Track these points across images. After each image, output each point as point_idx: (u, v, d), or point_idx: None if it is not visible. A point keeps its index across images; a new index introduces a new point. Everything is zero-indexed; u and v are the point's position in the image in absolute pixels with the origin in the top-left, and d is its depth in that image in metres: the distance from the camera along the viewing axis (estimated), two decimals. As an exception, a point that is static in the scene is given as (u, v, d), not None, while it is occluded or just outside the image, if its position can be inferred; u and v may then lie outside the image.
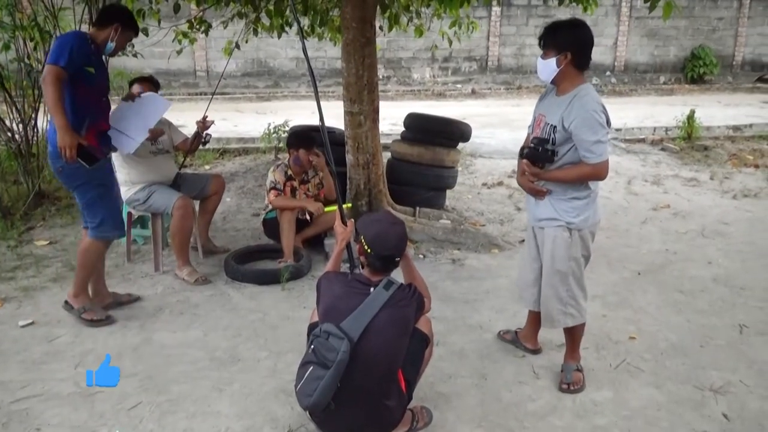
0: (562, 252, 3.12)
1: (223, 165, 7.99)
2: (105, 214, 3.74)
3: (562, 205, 3.11)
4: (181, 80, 15.72)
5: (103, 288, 4.07)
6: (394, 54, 16.80)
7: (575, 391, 3.19)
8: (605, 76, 17.48)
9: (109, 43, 3.69)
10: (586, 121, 2.92)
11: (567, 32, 3.05)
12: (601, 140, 2.94)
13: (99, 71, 3.66)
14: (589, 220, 3.14)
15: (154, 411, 3.00)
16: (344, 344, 2.50)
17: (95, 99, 3.68)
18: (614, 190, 7.12)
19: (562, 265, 3.14)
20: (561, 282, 3.17)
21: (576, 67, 3.04)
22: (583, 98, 2.97)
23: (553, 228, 3.13)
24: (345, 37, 5.17)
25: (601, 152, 2.95)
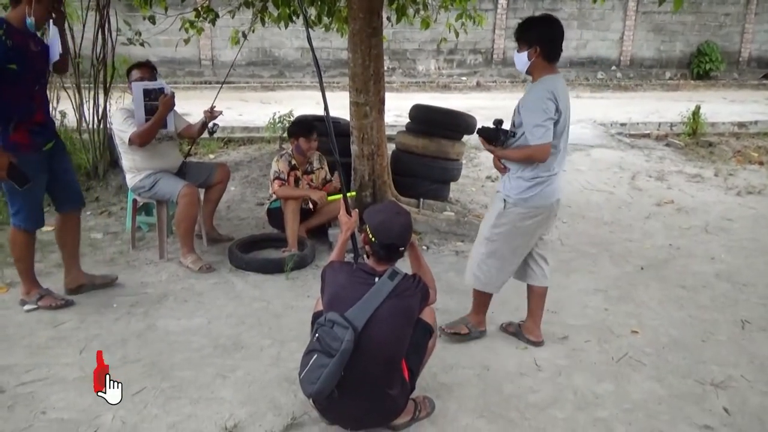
0: (491, 219, 3.41)
1: (228, 154, 8.00)
2: (21, 204, 3.70)
3: (510, 182, 3.36)
4: (186, 69, 15.71)
5: (75, 269, 4.08)
6: (400, 45, 16.77)
7: (448, 334, 3.55)
8: (611, 71, 17.43)
9: (27, 20, 3.43)
10: (531, 105, 3.19)
11: (537, 28, 3.30)
12: (540, 124, 3.14)
13: (24, 63, 3.48)
14: (529, 201, 3.31)
15: (158, 396, 3.02)
16: (349, 333, 2.51)
17: (23, 93, 3.53)
18: (618, 185, 7.12)
19: (486, 230, 3.44)
20: (481, 244, 3.47)
21: (545, 59, 3.27)
22: (536, 86, 3.23)
23: (496, 196, 3.46)
24: (352, 28, 5.16)
25: (540, 135, 3.14)
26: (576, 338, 3.68)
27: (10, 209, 3.74)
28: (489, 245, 3.43)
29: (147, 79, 4.47)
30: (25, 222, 3.73)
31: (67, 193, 3.94)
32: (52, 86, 6.16)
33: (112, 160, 6.32)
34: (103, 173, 6.33)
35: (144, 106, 4.36)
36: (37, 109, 3.65)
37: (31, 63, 3.53)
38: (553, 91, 3.17)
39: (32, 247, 3.88)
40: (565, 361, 3.43)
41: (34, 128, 3.62)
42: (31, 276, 3.90)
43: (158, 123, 4.36)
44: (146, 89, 4.37)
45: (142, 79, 4.46)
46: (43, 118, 3.71)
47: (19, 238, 3.78)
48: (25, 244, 3.81)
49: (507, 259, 3.46)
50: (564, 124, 3.26)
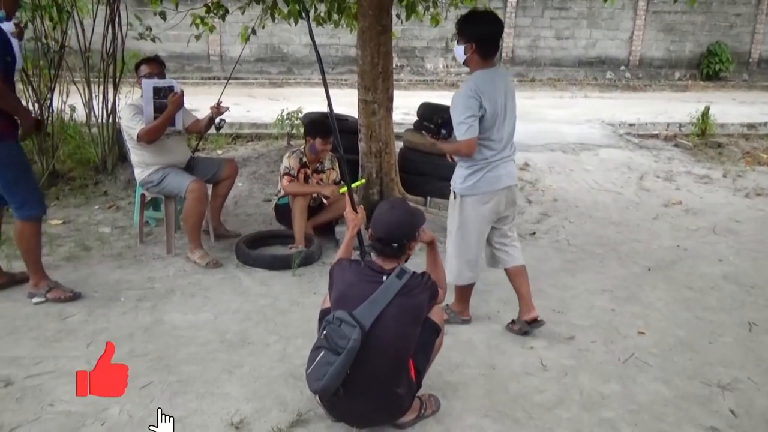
0: (450, 212, 3.64)
1: (236, 150, 8.01)
2: (25, 193, 3.72)
3: (455, 173, 3.59)
4: (195, 64, 15.72)
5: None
6: (408, 43, 16.75)
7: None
8: (619, 71, 17.36)
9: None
10: (456, 102, 3.36)
11: (475, 24, 3.38)
12: (462, 122, 3.32)
13: (13, 55, 3.56)
14: (473, 188, 3.49)
15: (164, 391, 3.03)
16: (356, 332, 2.52)
17: (9, 83, 3.60)
18: (626, 185, 7.10)
19: (449, 224, 3.66)
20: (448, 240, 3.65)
21: (480, 55, 3.39)
22: (465, 84, 3.40)
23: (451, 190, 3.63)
24: (361, 25, 5.16)
25: (463, 132, 3.33)
26: (582, 338, 3.68)
27: (14, 204, 3.73)
28: (454, 237, 3.63)
29: (156, 75, 4.48)
30: (35, 209, 3.77)
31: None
32: (62, 80, 6.19)
33: (121, 155, 6.34)
34: (111, 168, 6.35)
35: (153, 103, 4.37)
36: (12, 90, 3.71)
37: (15, 56, 3.61)
38: (477, 89, 3.32)
39: (40, 237, 3.91)
40: (571, 361, 3.42)
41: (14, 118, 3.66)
42: (40, 268, 3.91)
43: (167, 121, 4.38)
44: (156, 87, 4.38)
45: (150, 74, 4.47)
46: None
47: (27, 229, 3.79)
48: (34, 235, 3.83)
49: (469, 248, 3.62)
50: (494, 116, 3.40)
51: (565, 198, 6.52)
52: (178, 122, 4.54)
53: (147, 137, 4.37)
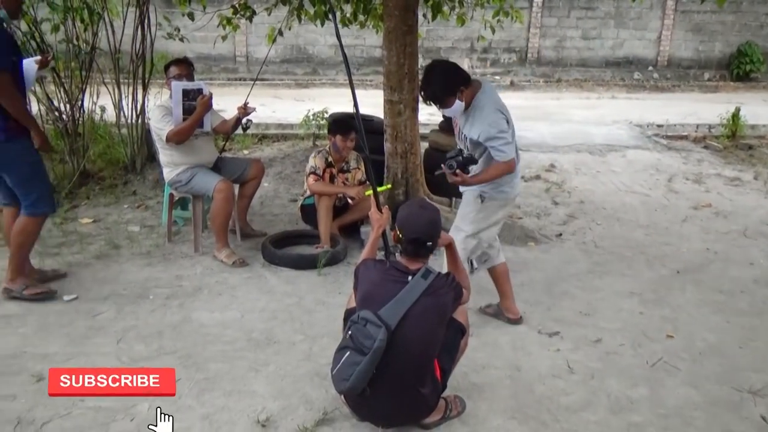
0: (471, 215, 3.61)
1: (262, 150, 8.07)
2: (41, 190, 3.79)
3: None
4: (221, 65, 15.86)
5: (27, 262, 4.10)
6: (433, 44, 16.72)
7: None
8: (647, 71, 17.14)
9: (2, 12, 3.50)
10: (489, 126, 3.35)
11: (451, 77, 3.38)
12: (507, 142, 3.38)
13: (20, 54, 3.63)
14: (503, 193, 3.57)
15: (192, 388, 3.07)
16: (382, 332, 2.52)
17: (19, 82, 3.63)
18: (654, 187, 7.01)
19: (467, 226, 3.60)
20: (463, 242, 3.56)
21: (468, 88, 3.41)
22: (482, 110, 3.39)
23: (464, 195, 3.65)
24: (387, 25, 5.16)
25: (509, 152, 3.39)
26: (610, 341, 3.64)
27: (28, 200, 3.78)
28: (467, 239, 3.60)
29: (185, 76, 4.54)
30: (47, 206, 3.85)
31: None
32: (93, 81, 6.29)
33: (150, 155, 6.42)
34: (140, 167, 6.43)
35: (182, 105, 4.42)
36: (23, 97, 3.76)
37: (20, 56, 3.67)
38: (496, 106, 3.41)
39: (38, 235, 3.97)
40: (599, 364, 3.39)
41: None
42: (24, 265, 3.94)
43: (195, 123, 4.43)
44: (185, 89, 4.43)
45: (179, 75, 4.52)
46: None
47: (31, 226, 3.84)
48: (35, 232, 3.90)
49: (480, 247, 3.69)
50: (512, 126, 3.50)
51: (592, 200, 6.46)
52: (206, 124, 4.59)
53: (176, 138, 4.42)
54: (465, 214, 3.64)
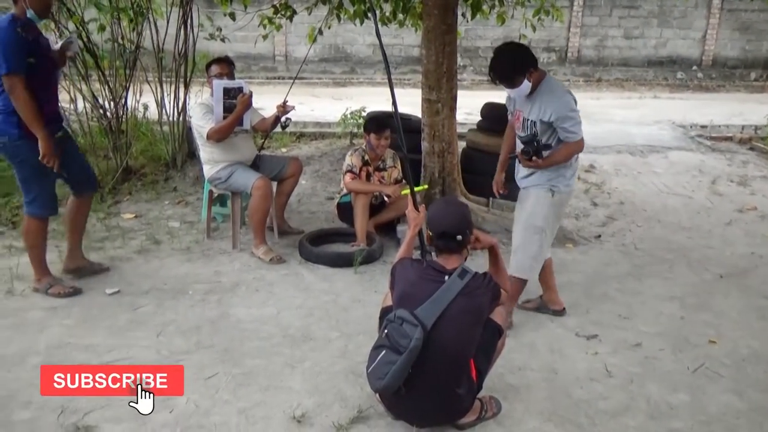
0: (543, 210, 3.60)
1: (300, 148, 8.12)
2: (37, 192, 3.82)
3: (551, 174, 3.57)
4: (261, 64, 16.03)
5: (78, 250, 4.21)
6: (472, 43, 16.63)
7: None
8: (691, 71, 16.77)
9: (28, 13, 3.56)
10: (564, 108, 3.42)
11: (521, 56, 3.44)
12: (578, 121, 3.46)
13: (39, 56, 3.62)
14: (570, 186, 3.65)
15: (229, 382, 3.11)
16: (418, 331, 2.52)
17: (40, 85, 3.66)
18: (697, 189, 6.86)
19: (539, 221, 3.61)
20: (536, 236, 3.62)
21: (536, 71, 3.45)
22: (553, 93, 3.46)
23: (532, 190, 3.62)
24: (426, 24, 5.16)
25: (580, 131, 3.47)
26: (649, 346, 3.58)
27: (25, 198, 3.86)
28: (543, 236, 3.63)
29: (225, 75, 4.59)
30: (41, 209, 3.87)
31: (83, 177, 4.10)
32: (136, 80, 6.41)
33: (190, 152, 6.52)
34: (181, 164, 6.54)
35: (223, 103, 4.48)
36: (51, 99, 3.81)
37: (44, 56, 3.69)
38: (567, 91, 3.51)
39: (45, 235, 4.01)
40: (638, 369, 3.33)
41: (49, 117, 3.75)
42: (43, 264, 4.02)
43: (235, 121, 4.48)
44: (226, 87, 4.49)
45: (220, 74, 4.58)
46: (56, 108, 3.88)
47: (33, 226, 3.91)
48: (39, 232, 3.95)
49: (549, 243, 3.76)
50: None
51: (632, 201, 6.34)
52: (246, 122, 4.64)
53: (216, 136, 4.48)
54: (536, 212, 3.61)
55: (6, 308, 3.79)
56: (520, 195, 3.75)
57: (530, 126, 3.52)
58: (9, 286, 4.04)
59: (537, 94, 3.47)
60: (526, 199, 3.67)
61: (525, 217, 3.66)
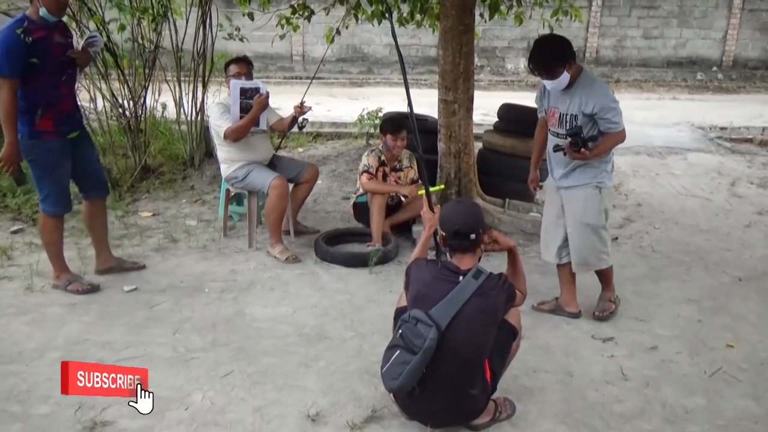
0: (595, 207, 3.68)
1: (316, 148, 8.15)
2: (50, 189, 3.86)
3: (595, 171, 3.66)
4: (278, 64, 16.10)
5: (105, 251, 4.27)
6: (489, 43, 16.57)
7: (604, 318, 3.82)
8: (711, 72, 16.59)
9: (41, 11, 3.58)
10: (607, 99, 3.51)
11: (562, 46, 3.51)
12: (620, 112, 3.55)
13: (46, 56, 3.62)
14: (611, 181, 3.77)
15: (245, 380, 3.13)
16: (432, 332, 2.53)
17: (47, 85, 3.69)
18: (716, 191, 6.79)
19: (594, 219, 3.69)
20: (595, 233, 3.71)
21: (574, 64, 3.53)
22: (592, 85, 3.54)
23: (581, 189, 3.67)
24: (443, 25, 5.15)
25: (622, 121, 3.58)
26: (666, 349, 3.55)
27: (39, 195, 3.92)
28: (600, 231, 3.74)
29: (243, 75, 4.62)
30: (53, 207, 3.91)
31: (92, 182, 4.12)
32: (155, 79, 6.47)
33: (208, 151, 6.57)
34: (198, 163, 6.59)
35: (239, 103, 4.51)
36: (63, 99, 3.81)
37: (54, 56, 3.69)
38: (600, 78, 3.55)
39: (61, 232, 4.05)
40: (654, 372, 3.31)
41: (60, 117, 3.79)
42: (61, 261, 4.06)
43: (251, 121, 4.51)
44: (243, 88, 4.52)
45: (239, 74, 4.61)
46: (70, 108, 3.89)
47: (49, 223, 3.96)
48: (54, 229, 3.99)
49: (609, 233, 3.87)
50: None
51: (650, 203, 6.29)
52: (263, 122, 4.66)
53: (233, 135, 4.51)
54: (588, 211, 3.69)
55: (26, 304, 3.85)
56: (564, 195, 3.77)
57: (570, 120, 3.57)
58: (29, 282, 4.10)
59: (576, 87, 3.53)
60: (573, 199, 3.72)
61: (578, 217, 3.71)
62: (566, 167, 3.69)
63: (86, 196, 4.15)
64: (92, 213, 4.19)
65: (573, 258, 3.80)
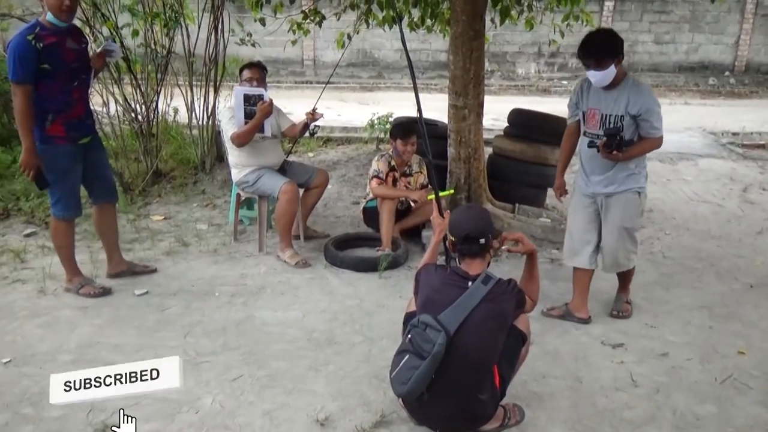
0: (634, 211, 3.77)
1: (326, 153, 8.17)
2: (60, 194, 3.90)
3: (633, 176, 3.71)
4: (289, 69, 16.17)
5: (116, 255, 4.30)
6: (500, 48, 16.57)
7: (623, 317, 3.92)
8: (723, 77, 16.50)
9: (48, 15, 3.60)
10: (651, 102, 3.57)
11: (612, 40, 3.57)
12: (661, 117, 3.62)
13: (58, 62, 3.64)
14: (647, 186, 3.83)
15: (254, 384, 3.15)
16: (441, 336, 2.53)
17: (59, 90, 3.71)
18: (728, 197, 6.75)
19: (630, 222, 3.78)
20: (628, 234, 3.79)
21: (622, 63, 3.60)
22: (639, 87, 3.60)
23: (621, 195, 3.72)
24: (453, 30, 5.16)
25: (662, 126, 3.65)
26: (677, 355, 3.53)
27: (51, 200, 3.96)
28: (633, 233, 3.83)
29: (256, 80, 4.65)
30: (64, 211, 3.94)
31: (101, 187, 4.15)
32: (167, 84, 6.52)
33: (219, 155, 6.61)
34: (209, 167, 6.63)
35: (243, 110, 4.54)
36: (75, 104, 3.84)
37: (66, 62, 3.71)
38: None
39: (72, 236, 4.09)
40: (664, 378, 3.30)
41: (72, 122, 3.83)
42: (73, 264, 4.10)
43: (254, 127, 4.52)
44: (246, 94, 4.54)
45: (251, 79, 4.64)
46: (82, 113, 3.92)
47: (60, 227, 4.00)
48: (66, 232, 4.03)
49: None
50: None
51: (661, 209, 6.27)
52: (267, 129, 4.64)
53: (237, 141, 4.56)
54: (628, 215, 3.76)
55: (38, 307, 3.89)
56: (604, 201, 3.78)
57: (614, 121, 3.61)
58: (41, 285, 4.14)
59: (622, 89, 3.58)
60: (614, 204, 3.75)
61: (618, 222, 3.77)
62: (605, 173, 3.71)
63: (96, 201, 4.19)
64: (102, 218, 4.23)
65: (606, 260, 3.88)
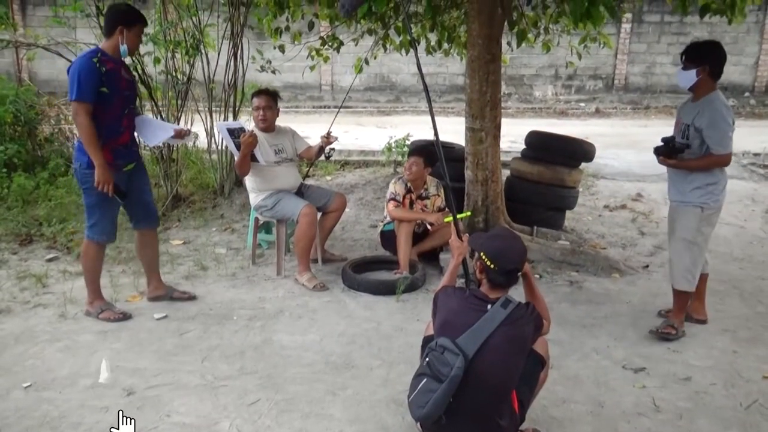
0: (692, 224, 3.84)
1: (344, 176, 8.22)
2: (98, 218, 3.95)
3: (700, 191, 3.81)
4: (307, 93, 16.36)
5: (155, 279, 4.35)
6: (516, 71, 16.64)
7: (661, 335, 3.88)
8: (743, 98, 16.40)
9: (121, 47, 3.79)
10: (718, 119, 3.67)
11: (708, 49, 3.77)
12: (729, 136, 3.70)
13: (115, 88, 3.78)
14: (719, 202, 3.86)
15: (272, 408, 3.14)
16: (459, 360, 2.50)
17: (111, 117, 3.81)
18: (750, 218, 6.67)
19: (689, 235, 3.85)
20: (686, 249, 3.88)
21: (712, 78, 3.74)
22: (713, 103, 3.70)
23: (683, 206, 3.85)
24: (470, 54, 5.20)
25: (727, 145, 3.72)
26: (700, 380, 3.47)
27: (87, 222, 4.01)
28: (694, 249, 3.87)
29: (263, 107, 4.74)
30: (99, 235, 4.00)
31: (143, 213, 4.19)
32: (187, 109, 6.61)
33: (238, 180, 6.66)
34: (228, 192, 6.69)
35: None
36: (123, 131, 3.93)
37: (120, 89, 3.85)
38: (728, 107, 3.73)
39: (101, 260, 4.15)
40: (688, 404, 3.23)
41: (119, 149, 3.91)
42: (97, 287, 4.14)
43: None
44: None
45: (258, 107, 4.78)
46: (128, 141, 4.00)
47: (92, 250, 4.04)
48: (96, 256, 4.08)
49: (702, 256, 3.98)
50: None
51: (682, 231, 6.19)
52: (260, 158, 4.67)
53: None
54: (686, 226, 3.86)
55: (59, 331, 3.92)
56: (670, 210, 4.00)
57: (687, 129, 3.80)
58: (62, 309, 4.18)
59: (703, 102, 3.72)
60: (676, 214, 3.92)
61: (677, 232, 3.91)
62: (676, 184, 3.90)
63: (136, 226, 4.23)
64: (143, 242, 4.28)
65: (669, 273, 4.05)
